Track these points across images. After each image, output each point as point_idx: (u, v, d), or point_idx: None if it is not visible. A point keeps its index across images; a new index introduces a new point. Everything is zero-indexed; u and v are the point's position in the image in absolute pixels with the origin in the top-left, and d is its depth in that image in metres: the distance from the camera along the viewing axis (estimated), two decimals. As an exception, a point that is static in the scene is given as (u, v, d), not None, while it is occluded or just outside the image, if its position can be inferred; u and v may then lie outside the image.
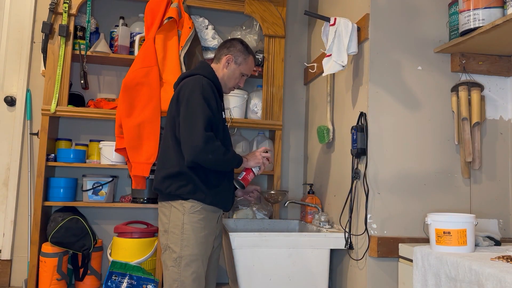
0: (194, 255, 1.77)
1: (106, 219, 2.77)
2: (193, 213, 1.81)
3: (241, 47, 2.02)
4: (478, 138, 1.98)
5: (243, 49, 2.01)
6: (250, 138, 2.84)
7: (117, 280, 2.41)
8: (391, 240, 1.88)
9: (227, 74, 2.00)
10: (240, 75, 2.02)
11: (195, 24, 2.72)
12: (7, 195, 2.78)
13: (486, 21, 1.75)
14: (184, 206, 1.80)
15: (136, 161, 2.42)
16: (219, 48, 2.06)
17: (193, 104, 1.80)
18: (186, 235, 1.78)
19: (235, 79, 2.02)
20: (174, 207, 1.83)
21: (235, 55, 1.99)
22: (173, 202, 1.84)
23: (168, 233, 1.82)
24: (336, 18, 2.06)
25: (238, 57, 2.00)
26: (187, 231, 1.79)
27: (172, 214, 1.83)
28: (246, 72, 2.04)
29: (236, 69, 2.00)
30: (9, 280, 2.73)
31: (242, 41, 2.06)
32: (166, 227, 1.84)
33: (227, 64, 1.99)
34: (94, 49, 2.63)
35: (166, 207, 1.86)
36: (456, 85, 2.01)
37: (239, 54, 2.00)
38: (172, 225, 1.81)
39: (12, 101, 2.83)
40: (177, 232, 1.79)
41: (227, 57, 1.99)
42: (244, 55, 2.01)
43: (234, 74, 2.00)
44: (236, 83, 2.04)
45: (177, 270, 1.76)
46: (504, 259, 1.40)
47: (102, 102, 2.68)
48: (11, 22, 2.89)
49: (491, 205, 2.03)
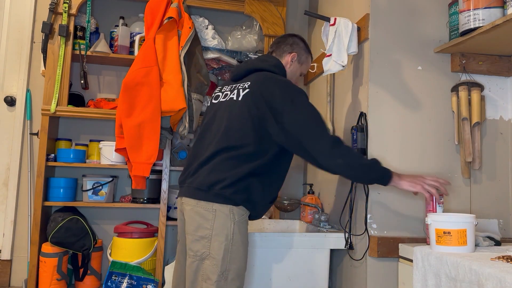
0: (241, 269, 1.62)
1: (106, 219, 2.77)
2: (242, 222, 1.63)
3: (303, 45, 1.91)
4: (478, 138, 1.98)
5: (305, 48, 1.91)
6: (250, 138, 2.84)
7: (117, 280, 2.41)
8: (391, 240, 1.88)
9: (290, 72, 1.87)
10: (299, 74, 1.92)
11: (195, 24, 2.72)
12: (7, 195, 2.78)
13: (486, 21, 1.75)
14: (234, 213, 1.60)
15: (136, 161, 2.42)
16: (278, 43, 1.91)
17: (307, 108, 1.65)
18: (235, 246, 1.59)
19: (296, 78, 1.91)
20: (220, 211, 1.60)
21: (299, 53, 1.88)
22: (219, 205, 1.60)
23: (211, 241, 1.59)
24: (336, 18, 2.06)
25: (301, 56, 1.88)
26: (237, 243, 1.60)
27: (217, 220, 1.59)
28: (305, 72, 1.94)
29: (298, 69, 1.89)
30: (9, 280, 2.73)
31: (303, 38, 1.96)
32: (206, 233, 1.59)
33: (292, 62, 1.87)
34: (94, 49, 2.63)
35: (207, 209, 1.61)
36: (456, 85, 2.01)
37: (302, 53, 1.89)
38: (216, 232, 1.59)
39: (12, 101, 2.83)
40: (225, 242, 1.58)
41: (292, 55, 1.86)
42: (306, 53, 1.91)
43: (296, 73, 1.89)
44: (295, 82, 1.89)
45: (223, 284, 1.57)
46: (504, 259, 1.40)
47: (102, 102, 2.68)
48: (11, 22, 2.89)
49: (491, 205, 2.03)
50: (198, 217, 1.62)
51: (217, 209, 1.59)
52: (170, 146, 2.62)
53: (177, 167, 2.67)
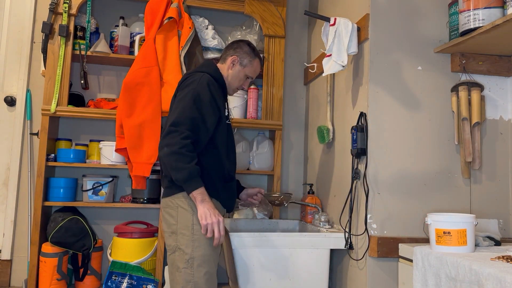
0: (206, 255, 1.74)
1: (106, 219, 2.77)
2: None
3: (247, 49, 2.00)
4: (478, 138, 1.98)
5: (249, 51, 2.00)
6: (250, 138, 2.84)
7: (117, 280, 2.41)
8: (391, 240, 1.88)
9: (232, 75, 1.98)
10: (244, 77, 2.01)
11: (195, 24, 2.72)
12: (7, 195, 2.78)
13: (486, 21, 1.75)
14: (192, 206, 1.75)
15: (136, 161, 2.42)
16: (226, 48, 2.05)
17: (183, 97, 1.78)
18: (197, 235, 1.74)
19: (240, 80, 2.00)
20: (181, 207, 1.77)
21: (241, 57, 1.98)
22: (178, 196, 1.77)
23: (177, 234, 1.77)
24: (336, 18, 2.06)
25: (243, 59, 1.98)
26: (198, 232, 1.74)
27: (179, 215, 1.78)
28: (251, 75, 2.02)
29: (241, 71, 1.98)
30: (9, 280, 2.73)
31: (250, 43, 2.04)
32: (173, 228, 1.78)
33: (232, 65, 1.97)
34: (94, 49, 2.63)
35: (171, 208, 1.80)
36: (456, 85, 2.01)
37: (245, 56, 1.98)
38: (180, 226, 1.77)
39: (12, 101, 2.83)
40: (187, 233, 1.75)
41: (233, 58, 1.97)
42: (250, 57, 1.99)
43: (238, 75, 1.98)
44: (240, 84, 2.02)
45: (190, 271, 1.73)
46: (504, 259, 1.40)
47: (102, 102, 2.68)
48: (11, 22, 2.89)
49: (491, 205, 2.03)
50: (166, 215, 1.82)
51: (179, 206, 1.77)
52: (170, 146, 2.62)
53: (177, 167, 2.66)
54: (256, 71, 2.04)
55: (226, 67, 1.98)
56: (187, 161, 1.67)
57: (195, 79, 1.84)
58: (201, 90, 1.79)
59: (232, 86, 2.00)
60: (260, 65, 2.06)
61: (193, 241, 1.74)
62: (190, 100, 1.76)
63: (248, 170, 2.75)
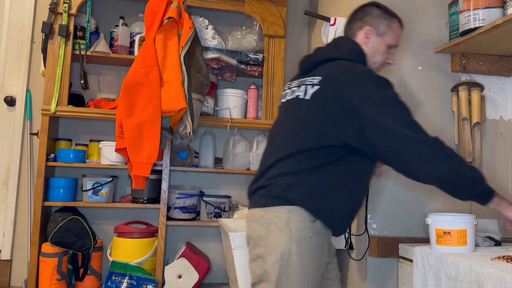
0: None
1: (106, 219, 2.77)
2: (303, 239, 1.36)
3: (379, 12, 1.55)
4: (478, 138, 1.98)
5: (382, 14, 1.55)
6: (250, 138, 2.84)
7: (117, 280, 2.41)
8: (391, 240, 1.88)
9: (370, 52, 1.54)
10: (386, 49, 1.55)
11: (195, 24, 2.72)
12: (7, 195, 2.78)
13: (486, 21, 1.75)
14: (291, 227, 1.35)
15: (136, 161, 2.42)
16: (349, 22, 1.60)
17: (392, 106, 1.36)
18: (292, 269, 1.34)
19: (382, 54, 1.55)
20: (275, 225, 1.36)
21: (375, 25, 1.53)
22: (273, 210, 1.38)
23: (265, 261, 1.36)
24: (336, 18, 2.06)
25: (379, 26, 1.53)
26: (295, 264, 1.34)
27: (271, 235, 1.36)
28: (395, 42, 1.57)
29: (381, 42, 1.54)
30: (9, 280, 2.73)
31: (378, 3, 1.58)
32: (260, 251, 1.38)
33: (367, 39, 1.53)
34: (94, 49, 2.62)
35: (261, 224, 1.40)
36: (456, 85, 2.01)
37: (380, 22, 1.53)
38: (271, 250, 1.36)
39: (12, 101, 2.83)
40: (279, 263, 1.34)
41: (365, 30, 1.53)
42: (386, 21, 1.54)
43: (378, 49, 1.54)
44: (383, 59, 1.56)
45: None
46: (504, 259, 1.40)
47: (102, 102, 2.68)
48: (11, 22, 2.89)
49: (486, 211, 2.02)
50: (252, 231, 1.43)
51: (272, 222, 1.37)
52: (170, 146, 2.62)
53: (177, 167, 2.67)
54: (399, 35, 1.59)
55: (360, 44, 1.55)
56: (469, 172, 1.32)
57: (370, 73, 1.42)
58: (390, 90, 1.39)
59: (374, 64, 1.56)
60: (400, 25, 1.59)
61: (287, 275, 1.33)
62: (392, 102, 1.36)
63: (248, 170, 2.75)
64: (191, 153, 2.73)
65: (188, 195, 2.65)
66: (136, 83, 2.42)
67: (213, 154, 2.75)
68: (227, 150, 2.74)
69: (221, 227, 2.32)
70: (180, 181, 2.86)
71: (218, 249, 2.83)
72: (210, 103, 2.70)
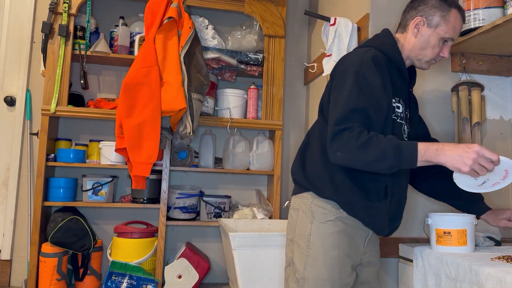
0: (320, 279, 1.37)
1: (106, 219, 2.77)
2: (324, 222, 1.40)
3: (434, 1, 1.45)
4: (478, 138, 1.98)
5: (438, 4, 1.44)
6: (250, 138, 2.84)
7: (117, 280, 2.41)
8: (391, 240, 1.88)
9: (419, 44, 1.46)
10: (440, 41, 1.45)
11: (195, 24, 2.72)
12: (7, 195, 2.78)
13: (486, 21, 1.75)
14: (312, 211, 1.41)
15: (136, 161, 2.42)
16: (404, 11, 1.53)
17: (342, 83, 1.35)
18: (312, 250, 1.38)
19: (433, 47, 1.45)
20: (301, 210, 1.44)
21: (427, 15, 1.45)
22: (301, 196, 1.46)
23: (294, 243, 1.45)
24: (336, 18, 2.06)
25: (432, 17, 1.44)
26: (315, 245, 1.39)
27: (299, 219, 1.45)
28: (450, 35, 1.45)
29: (432, 34, 1.44)
30: (9, 280, 2.73)
31: None
32: (291, 235, 1.48)
33: (417, 30, 1.46)
34: (94, 49, 2.62)
35: (293, 209, 1.49)
36: (456, 85, 2.01)
37: (433, 12, 1.44)
38: (298, 233, 1.44)
39: (12, 101, 2.83)
40: (302, 245, 1.41)
41: (416, 20, 1.46)
42: (441, 11, 1.44)
43: (429, 41, 1.45)
44: (436, 53, 1.47)
45: None
46: (504, 259, 1.40)
47: (102, 102, 2.68)
48: (11, 22, 2.88)
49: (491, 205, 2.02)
50: (289, 218, 1.51)
51: (300, 208, 1.44)
52: (170, 146, 2.62)
53: (177, 167, 2.67)
54: (456, 27, 1.46)
55: (408, 35, 1.48)
56: (375, 143, 1.24)
57: (357, 56, 1.39)
58: (366, 71, 1.34)
59: (424, 58, 1.48)
60: (460, 17, 1.47)
61: (306, 256, 1.39)
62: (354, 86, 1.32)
63: (248, 170, 2.75)
64: (191, 153, 2.73)
65: (188, 195, 2.65)
66: (136, 83, 2.42)
67: (213, 154, 2.75)
68: (227, 150, 2.74)
69: (221, 227, 2.33)
70: (180, 181, 2.86)
71: (218, 249, 2.83)
72: (210, 103, 2.70)
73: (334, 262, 1.38)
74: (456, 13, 1.45)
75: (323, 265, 1.37)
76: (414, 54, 1.49)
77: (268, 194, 2.89)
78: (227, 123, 2.67)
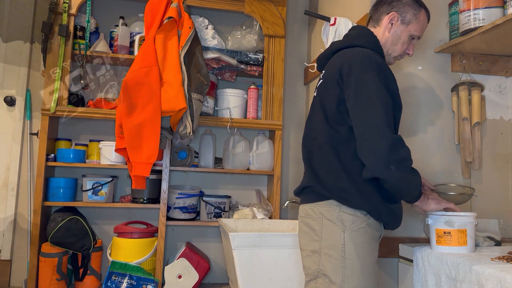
0: None
1: (106, 219, 2.77)
2: (356, 230, 1.38)
3: None
4: (478, 138, 1.98)
5: (411, 2, 1.51)
6: (250, 138, 2.84)
7: (117, 280, 2.41)
8: (391, 240, 1.88)
9: (391, 39, 1.52)
10: (409, 38, 1.53)
11: (195, 24, 2.72)
12: (7, 195, 2.78)
13: (486, 21, 1.75)
14: (343, 219, 1.38)
15: (136, 161, 2.42)
16: (376, 5, 1.57)
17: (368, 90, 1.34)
18: (349, 260, 1.36)
19: (402, 44, 1.52)
20: (326, 219, 1.40)
21: (401, 12, 1.51)
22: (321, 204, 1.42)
23: (321, 255, 1.39)
24: (336, 18, 2.06)
25: (405, 14, 1.50)
26: (351, 255, 1.36)
27: (325, 229, 1.40)
28: (418, 33, 1.54)
29: (404, 31, 1.51)
30: (9, 280, 2.73)
31: None
32: (315, 246, 1.41)
33: (391, 25, 1.51)
34: (94, 49, 2.62)
35: (313, 218, 1.43)
36: (456, 85, 2.01)
37: (407, 10, 1.51)
38: (326, 244, 1.39)
39: (12, 101, 2.83)
40: (335, 256, 1.36)
41: (390, 16, 1.51)
42: (413, 9, 1.51)
43: (400, 37, 1.51)
44: (404, 49, 1.54)
45: None
46: (504, 259, 1.40)
47: (102, 102, 2.68)
48: (11, 22, 2.88)
49: (491, 205, 2.03)
50: (305, 227, 1.47)
51: (324, 216, 1.40)
52: (170, 146, 2.62)
53: (177, 167, 2.67)
54: (424, 26, 1.55)
55: (381, 30, 1.53)
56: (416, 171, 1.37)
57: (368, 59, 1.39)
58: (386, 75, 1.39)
59: (393, 53, 1.55)
60: (427, 18, 1.56)
61: (343, 267, 1.35)
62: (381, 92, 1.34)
63: (248, 170, 2.75)
64: (191, 153, 2.73)
65: (188, 195, 2.65)
66: (136, 83, 2.42)
67: (213, 154, 2.75)
68: (227, 150, 2.74)
69: (221, 227, 2.33)
70: (180, 181, 2.86)
71: (218, 249, 2.83)
72: (210, 103, 2.70)
73: (370, 269, 1.40)
74: (425, 14, 1.54)
75: (361, 274, 1.37)
76: (385, 48, 1.54)
77: (268, 194, 2.89)
78: (227, 123, 2.67)
